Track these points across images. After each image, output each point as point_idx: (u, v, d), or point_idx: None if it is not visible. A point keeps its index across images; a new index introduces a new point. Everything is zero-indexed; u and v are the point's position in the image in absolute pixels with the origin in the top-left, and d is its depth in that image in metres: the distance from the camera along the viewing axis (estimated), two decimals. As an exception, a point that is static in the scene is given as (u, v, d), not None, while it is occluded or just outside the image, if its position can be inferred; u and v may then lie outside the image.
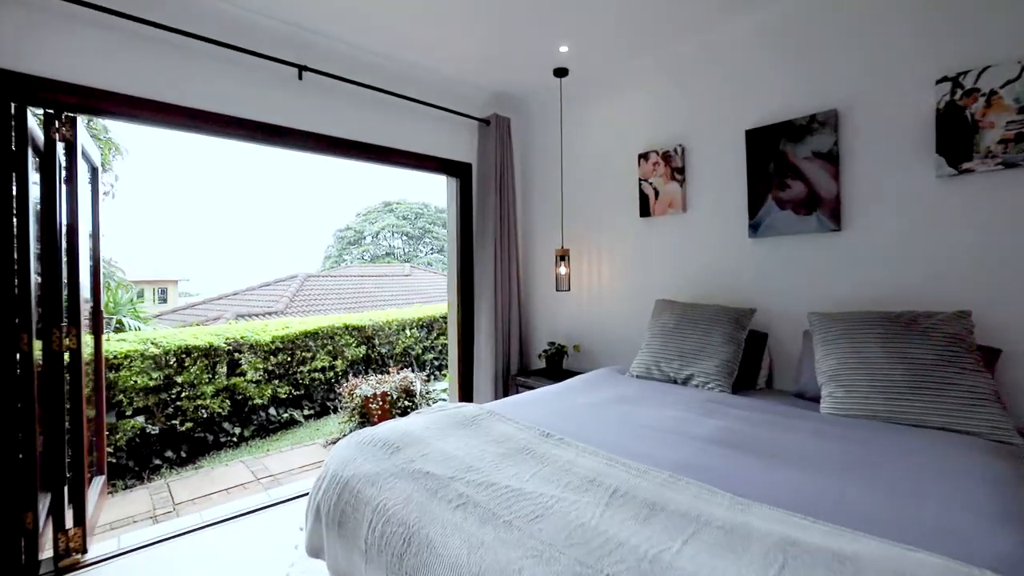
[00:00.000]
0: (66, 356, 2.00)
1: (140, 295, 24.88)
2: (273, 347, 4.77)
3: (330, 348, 5.41)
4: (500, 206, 3.43)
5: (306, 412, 5.16)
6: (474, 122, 3.49)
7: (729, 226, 2.63)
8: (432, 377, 6.99)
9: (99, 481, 2.49)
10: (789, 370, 2.39)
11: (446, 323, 7.46)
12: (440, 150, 3.33)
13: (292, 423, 4.96)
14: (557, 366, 3.27)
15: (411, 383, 4.16)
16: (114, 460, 3.57)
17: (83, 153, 2.17)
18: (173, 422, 3.97)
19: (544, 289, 3.61)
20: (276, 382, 4.84)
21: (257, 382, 4.65)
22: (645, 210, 2.98)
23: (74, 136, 2.01)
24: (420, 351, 6.80)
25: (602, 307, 3.25)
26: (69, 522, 2.01)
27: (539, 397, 2.10)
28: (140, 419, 3.77)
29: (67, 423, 2.04)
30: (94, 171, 2.52)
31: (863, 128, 2.16)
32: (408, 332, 6.50)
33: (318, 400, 5.35)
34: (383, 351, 6.13)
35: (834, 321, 1.99)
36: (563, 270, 3.16)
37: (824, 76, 2.28)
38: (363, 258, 36.56)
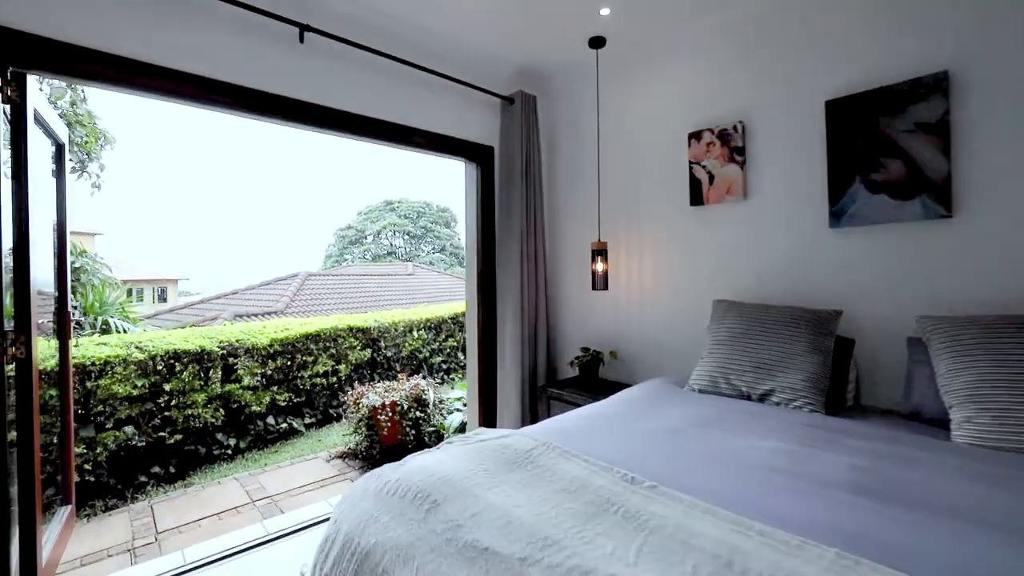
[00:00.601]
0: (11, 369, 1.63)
1: (139, 295, 24.49)
2: (271, 351, 4.38)
3: (333, 351, 5.03)
4: (526, 195, 3.05)
5: (307, 420, 4.78)
6: (496, 100, 3.11)
7: (803, 214, 2.24)
8: (442, 382, 6.61)
9: (64, 513, 2.11)
10: (879, 383, 2.01)
11: (455, 324, 7.09)
12: (459, 131, 2.96)
13: (292, 433, 4.58)
14: (592, 375, 2.89)
15: (423, 391, 3.78)
16: (92, 479, 3.19)
17: (38, 120, 1.80)
18: (161, 434, 3.59)
19: (574, 288, 3.23)
20: (275, 388, 4.46)
21: (254, 388, 4.27)
22: (697, 197, 2.60)
23: (23, 98, 1.63)
24: (428, 354, 6.42)
25: (643, 308, 2.87)
26: (15, 571, 1.63)
27: (593, 419, 1.72)
28: (126, 430, 3.38)
29: (14, 448, 1.67)
30: (59, 148, 2.14)
31: (984, 92, 1.78)
32: (416, 334, 6.12)
33: (320, 407, 4.97)
34: (389, 354, 5.75)
35: (962, 327, 1.61)
36: (600, 267, 2.78)
37: (931, 30, 1.89)
38: (364, 257, 36.27)
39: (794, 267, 2.28)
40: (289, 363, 4.58)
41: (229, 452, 4.06)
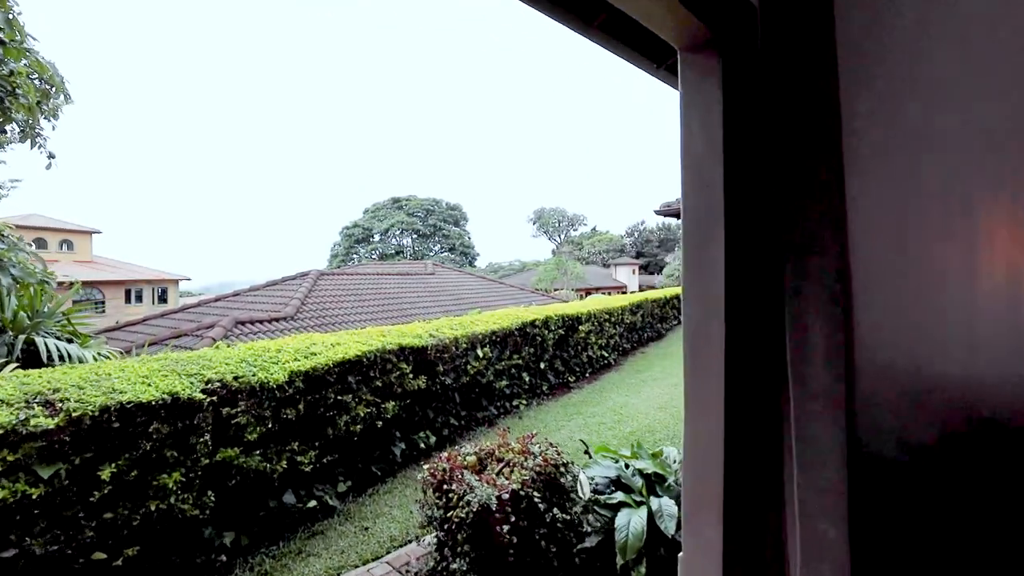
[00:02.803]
0: None
1: (139, 296, 22.82)
2: (291, 389, 2.79)
3: (378, 383, 3.44)
4: (840, 110, 1.45)
5: (340, 488, 3.19)
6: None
7: None
8: (506, 412, 5.02)
9: None
10: None
11: (521, 336, 5.44)
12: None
13: (321, 511, 2.99)
14: None
15: (558, 468, 2.18)
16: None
17: None
18: (96, 555, 2.01)
19: (906, 293, 1.62)
20: (295, 445, 2.87)
21: (263, 447, 2.69)
22: None
23: None
24: (491, 377, 4.82)
25: None
26: None
27: None
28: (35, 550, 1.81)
29: None
30: None
31: None
32: (480, 352, 4.52)
33: (358, 465, 3.39)
34: (447, 381, 4.16)
35: None
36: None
37: None
38: (372, 256, 34.89)
39: None
40: (316, 404, 2.99)
41: (223, 558, 2.48)
